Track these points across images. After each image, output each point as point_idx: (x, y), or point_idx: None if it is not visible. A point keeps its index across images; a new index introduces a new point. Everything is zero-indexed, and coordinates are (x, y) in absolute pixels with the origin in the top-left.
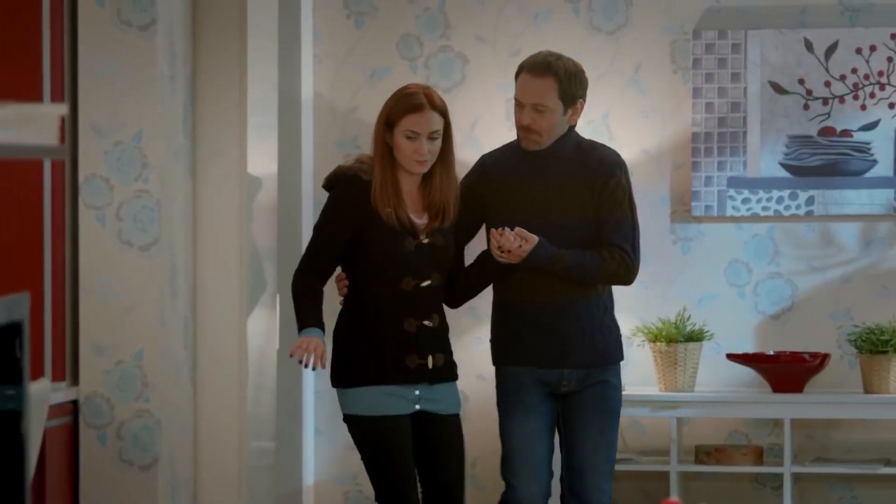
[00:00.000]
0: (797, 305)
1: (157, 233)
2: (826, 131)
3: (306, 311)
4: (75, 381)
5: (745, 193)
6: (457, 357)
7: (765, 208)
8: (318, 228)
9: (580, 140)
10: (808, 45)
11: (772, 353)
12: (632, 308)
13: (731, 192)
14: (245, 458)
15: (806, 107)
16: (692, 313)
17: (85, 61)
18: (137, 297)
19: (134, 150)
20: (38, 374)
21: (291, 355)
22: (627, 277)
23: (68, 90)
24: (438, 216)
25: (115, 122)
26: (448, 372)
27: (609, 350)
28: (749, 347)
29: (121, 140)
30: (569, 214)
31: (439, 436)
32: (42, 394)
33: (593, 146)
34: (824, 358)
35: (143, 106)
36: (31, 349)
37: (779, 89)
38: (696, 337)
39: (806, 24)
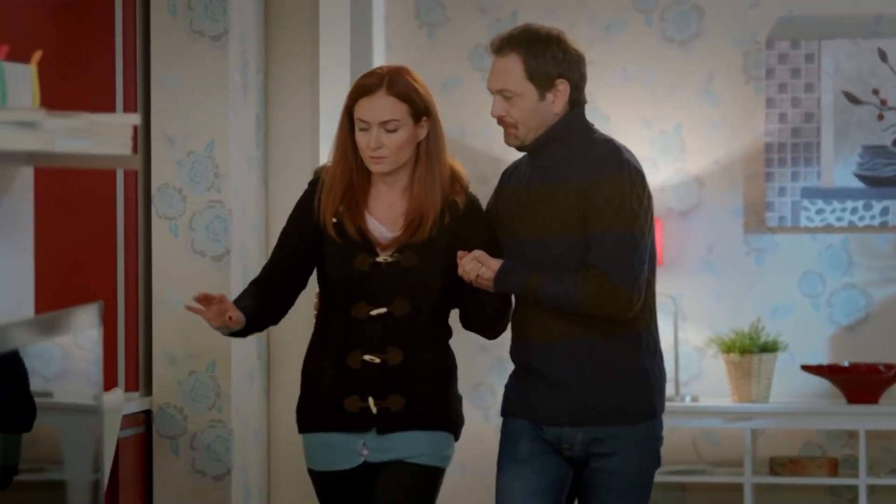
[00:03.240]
0: (872, 316)
1: (230, 243)
2: None
3: None
4: (148, 391)
5: (820, 204)
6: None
7: (839, 219)
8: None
9: (583, 134)
10: (882, 55)
11: (846, 364)
12: (705, 319)
13: (805, 202)
14: None
15: (880, 117)
16: (766, 324)
17: (157, 71)
18: None
19: (206, 160)
20: (111, 384)
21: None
22: (613, 304)
23: (141, 100)
24: (411, 229)
25: (188, 132)
26: (411, 420)
27: (623, 405)
28: (823, 358)
29: (193, 150)
30: (557, 230)
31: (379, 481)
32: (115, 404)
33: (592, 143)
34: None
35: (215, 116)
36: (104, 359)
37: (853, 99)
38: (770, 348)
39: (880, 34)
